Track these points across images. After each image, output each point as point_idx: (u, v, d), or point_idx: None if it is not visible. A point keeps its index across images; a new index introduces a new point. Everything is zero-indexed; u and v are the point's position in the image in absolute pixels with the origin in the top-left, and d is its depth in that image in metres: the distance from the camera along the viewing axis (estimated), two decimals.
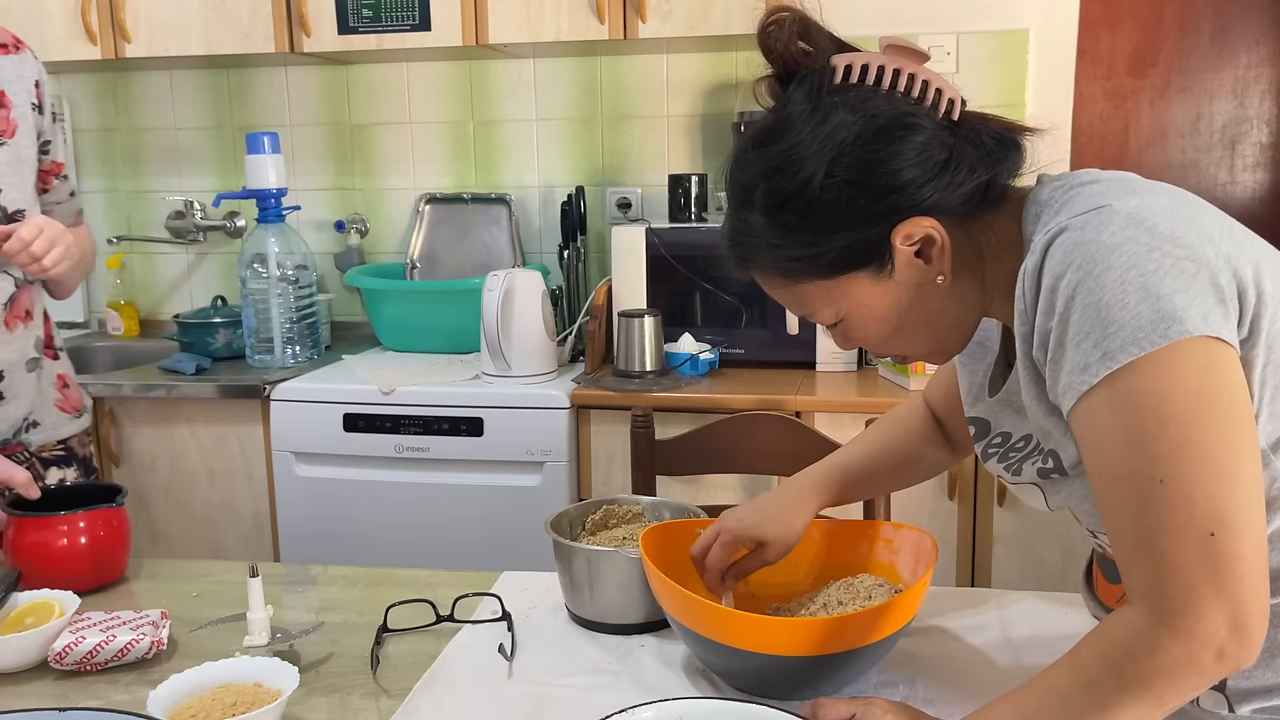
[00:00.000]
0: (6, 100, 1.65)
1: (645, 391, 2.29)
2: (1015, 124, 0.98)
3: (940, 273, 0.95)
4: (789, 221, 0.94)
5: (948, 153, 0.92)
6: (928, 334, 1.01)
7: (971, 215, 0.95)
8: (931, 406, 1.29)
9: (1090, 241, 0.85)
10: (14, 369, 1.68)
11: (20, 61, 1.70)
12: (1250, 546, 0.81)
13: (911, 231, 0.92)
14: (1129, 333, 0.82)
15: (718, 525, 1.25)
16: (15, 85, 1.67)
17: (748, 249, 0.98)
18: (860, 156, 0.91)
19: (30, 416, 1.72)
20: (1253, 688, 0.95)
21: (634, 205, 2.82)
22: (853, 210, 0.92)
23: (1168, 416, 0.81)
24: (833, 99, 0.93)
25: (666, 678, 1.16)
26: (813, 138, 0.92)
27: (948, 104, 0.94)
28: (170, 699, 1.04)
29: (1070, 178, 0.96)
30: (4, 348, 1.66)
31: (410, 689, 1.14)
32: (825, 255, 0.94)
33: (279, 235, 2.64)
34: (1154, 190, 0.91)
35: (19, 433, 1.71)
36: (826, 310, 0.99)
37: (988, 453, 1.08)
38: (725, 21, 2.40)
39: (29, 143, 1.68)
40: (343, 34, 2.57)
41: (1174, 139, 2.73)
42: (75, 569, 1.39)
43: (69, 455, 1.81)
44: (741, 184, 0.97)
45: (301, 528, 2.43)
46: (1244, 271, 0.85)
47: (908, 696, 1.11)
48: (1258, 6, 2.64)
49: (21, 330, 1.69)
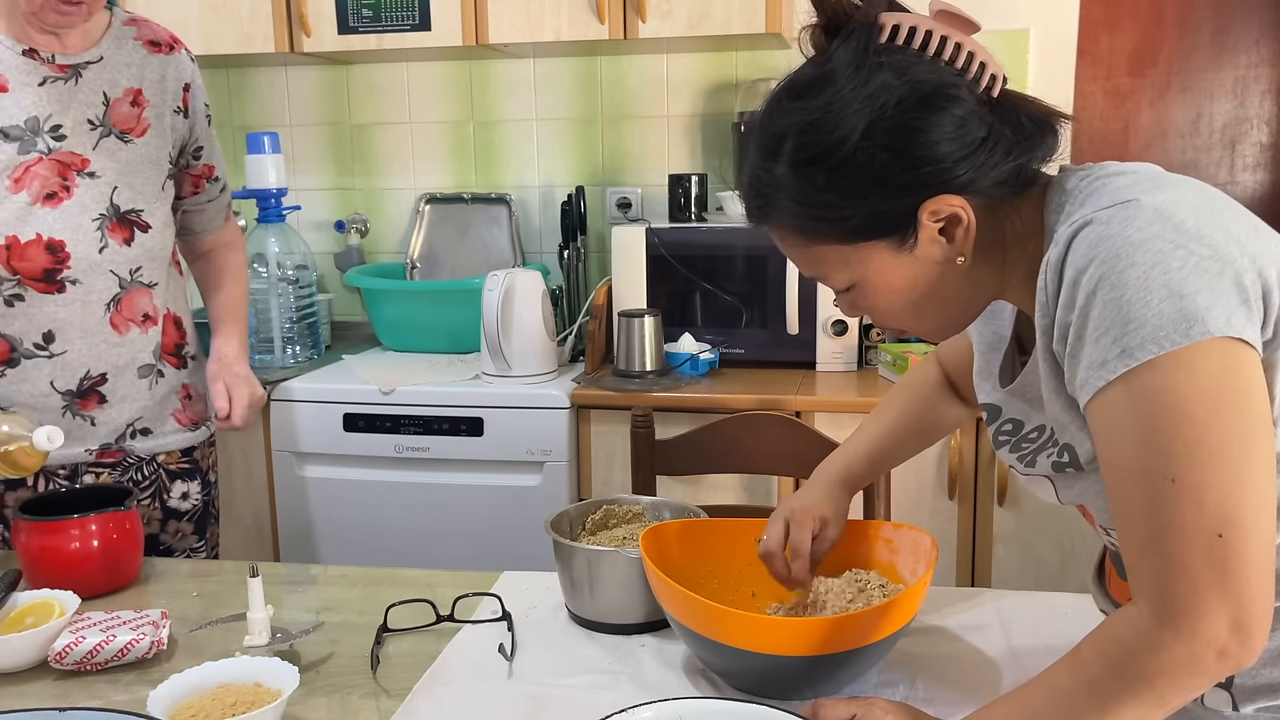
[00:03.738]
0: (142, 100, 1.63)
1: (645, 391, 2.29)
2: (1053, 109, 0.95)
3: (961, 254, 0.93)
4: (817, 180, 0.91)
5: (986, 130, 0.90)
6: (938, 312, 0.99)
7: (1000, 199, 0.93)
8: (944, 365, 1.30)
9: (1115, 236, 0.84)
10: (121, 373, 1.64)
11: (172, 63, 1.68)
12: (1258, 549, 0.81)
13: (939, 208, 0.91)
14: (1149, 331, 0.81)
15: (783, 515, 1.26)
16: (158, 86, 1.65)
17: (768, 200, 0.96)
18: (900, 122, 0.89)
19: (138, 424, 1.68)
20: (1258, 686, 0.96)
21: (634, 205, 2.82)
22: (884, 177, 0.90)
23: (1184, 416, 0.81)
24: (878, 59, 0.90)
25: (666, 678, 1.16)
26: (854, 96, 0.89)
27: (989, 79, 0.92)
28: (170, 699, 1.04)
29: (1096, 169, 0.95)
30: (112, 351, 1.62)
31: (410, 689, 1.14)
32: (849, 220, 0.92)
33: (279, 235, 2.64)
34: (1181, 185, 0.89)
35: (122, 439, 1.67)
36: (840, 275, 0.97)
37: (999, 439, 1.08)
38: (725, 21, 2.40)
39: (162, 144, 1.65)
40: (343, 34, 2.57)
41: (1174, 139, 2.73)
42: (87, 573, 1.38)
43: (194, 468, 1.77)
44: (771, 133, 0.94)
45: (301, 528, 2.43)
46: (1269, 272, 0.84)
47: (908, 696, 1.11)
48: (1258, 6, 2.64)
49: (136, 334, 1.65)
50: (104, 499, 1.45)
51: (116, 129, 1.60)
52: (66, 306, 1.57)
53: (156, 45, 1.67)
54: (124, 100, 1.61)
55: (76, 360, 1.60)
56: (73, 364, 1.60)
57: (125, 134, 1.61)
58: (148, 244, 1.64)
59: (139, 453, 1.69)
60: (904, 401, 1.32)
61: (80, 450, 1.63)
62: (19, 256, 1.53)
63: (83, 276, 1.57)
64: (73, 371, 1.60)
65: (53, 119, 1.55)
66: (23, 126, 1.53)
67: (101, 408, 1.64)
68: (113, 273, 1.60)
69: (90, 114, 1.58)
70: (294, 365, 2.61)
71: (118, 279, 1.61)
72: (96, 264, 1.58)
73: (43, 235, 1.54)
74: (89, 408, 1.63)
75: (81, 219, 1.56)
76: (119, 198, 1.60)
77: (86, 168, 1.57)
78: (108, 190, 1.59)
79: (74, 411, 1.62)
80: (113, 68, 1.61)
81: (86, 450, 1.64)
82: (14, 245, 1.53)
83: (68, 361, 1.59)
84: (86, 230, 1.57)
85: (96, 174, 1.58)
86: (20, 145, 1.53)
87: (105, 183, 1.59)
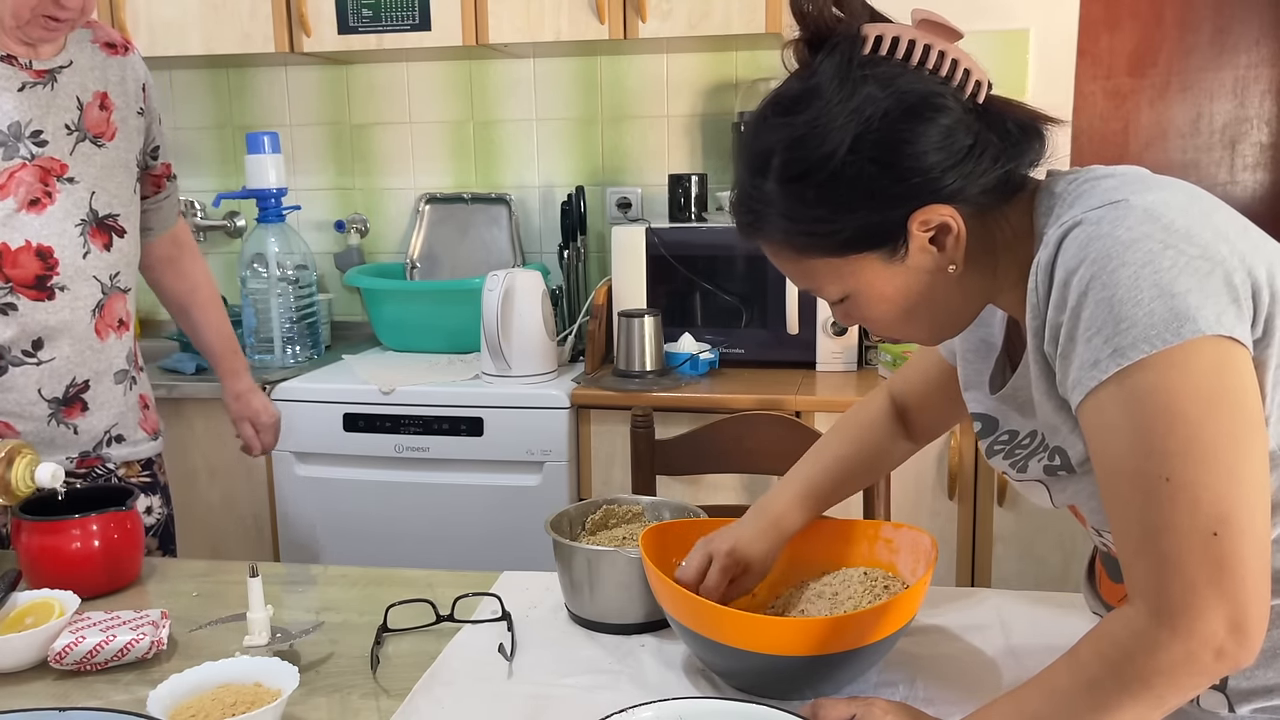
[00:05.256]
0: (109, 103, 1.62)
1: (645, 391, 2.29)
2: (1039, 112, 0.95)
3: (952, 262, 0.94)
4: (806, 195, 0.92)
5: (973, 138, 0.90)
6: (931, 320, 1.00)
7: (989, 206, 0.93)
8: (898, 399, 1.28)
9: (1105, 236, 0.84)
10: (101, 379, 1.64)
11: (129, 64, 1.67)
12: (1253, 547, 0.81)
13: (929, 218, 0.91)
14: (1141, 330, 0.81)
15: (706, 549, 1.21)
16: (120, 88, 1.64)
17: (758, 217, 0.96)
18: (886, 135, 0.89)
19: (114, 430, 1.68)
20: (1253, 687, 0.96)
21: (634, 205, 2.82)
22: (873, 190, 0.90)
23: (1176, 415, 0.81)
24: (862, 71, 0.90)
25: (666, 678, 1.16)
26: (840, 110, 0.89)
27: (974, 86, 0.92)
28: (170, 699, 1.04)
29: (1084, 172, 0.95)
30: (95, 357, 1.62)
31: (410, 689, 1.14)
32: (839, 233, 0.92)
33: (279, 235, 2.64)
34: (1170, 186, 0.90)
35: (99, 446, 1.66)
36: (833, 287, 0.98)
37: (993, 449, 1.08)
38: (725, 21, 2.40)
39: (130, 147, 1.65)
40: (343, 34, 2.57)
41: (1174, 139, 2.73)
42: (88, 573, 1.38)
43: (154, 482, 1.77)
44: (758, 150, 0.94)
45: (301, 528, 2.43)
46: (1258, 271, 0.84)
47: (908, 696, 1.11)
48: (1258, 6, 2.64)
49: (114, 340, 1.65)
50: (105, 499, 1.44)
51: (90, 133, 1.59)
52: (57, 313, 1.57)
53: (113, 47, 1.66)
54: (94, 104, 1.60)
55: (64, 367, 1.59)
56: (60, 371, 1.59)
57: (98, 138, 1.60)
58: (124, 249, 1.65)
59: (114, 460, 1.69)
60: (854, 433, 1.29)
61: (62, 458, 1.61)
62: (11, 263, 1.53)
63: (70, 283, 1.57)
64: (60, 379, 1.59)
65: (33, 124, 1.54)
66: (5, 132, 1.52)
67: (84, 415, 1.63)
68: (96, 278, 1.60)
69: (67, 119, 1.57)
70: (294, 365, 2.61)
71: (100, 285, 1.61)
72: (81, 270, 1.58)
73: (31, 242, 1.53)
74: (72, 415, 1.62)
75: (65, 225, 1.56)
76: (97, 203, 1.60)
77: (66, 173, 1.56)
78: (86, 196, 1.58)
79: (59, 420, 1.61)
80: (81, 72, 1.60)
81: (68, 458, 1.62)
82: (5, 252, 1.52)
83: (55, 369, 1.59)
84: (71, 236, 1.56)
85: (75, 179, 1.57)
86: (4, 151, 1.52)
87: (84, 188, 1.58)
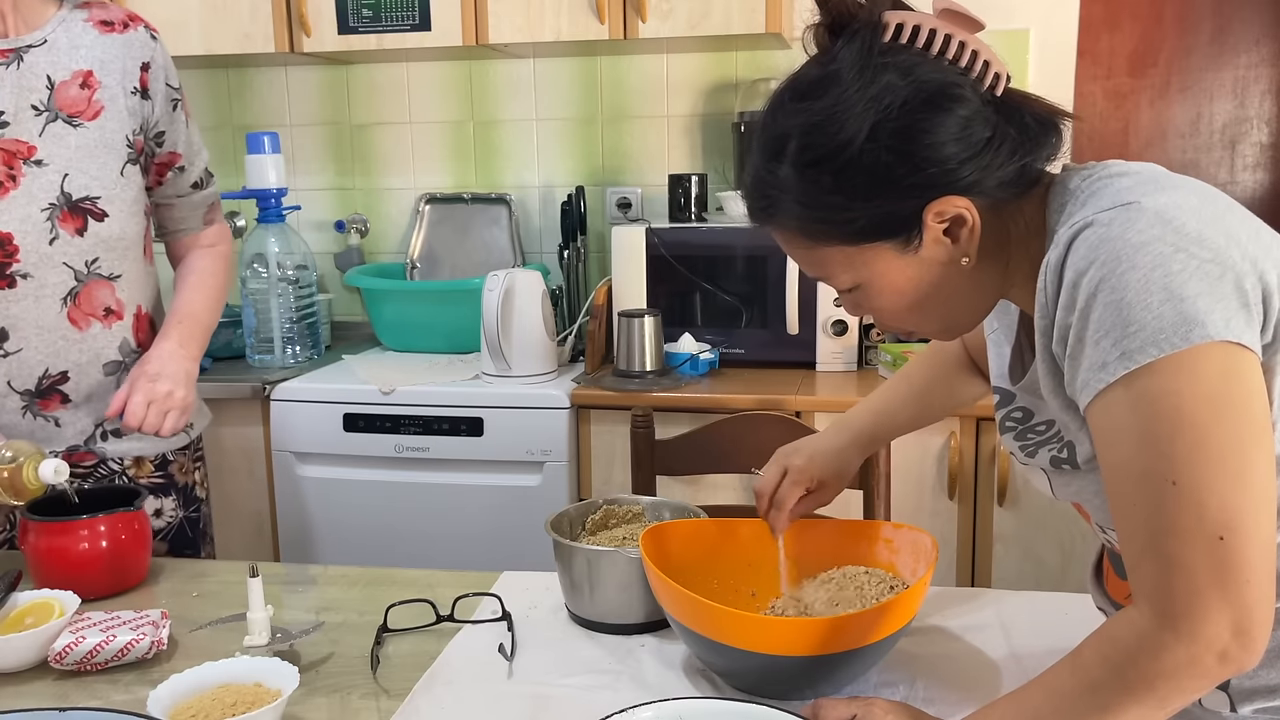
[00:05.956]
0: (93, 81, 1.55)
1: (645, 391, 2.29)
2: (1056, 107, 0.95)
3: (966, 254, 0.93)
4: (821, 181, 0.91)
5: (990, 130, 0.90)
6: (942, 313, 1.00)
7: (1004, 199, 0.93)
8: (966, 343, 1.31)
9: (1116, 239, 0.84)
10: (83, 371, 1.58)
11: (127, 41, 1.60)
12: (1258, 551, 0.81)
13: (944, 209, 0.90)
14: (1149, 333, 0.81)
15: (782, 463, 1.28)
16: (111, 66, 1.57)
17: (772, 202, 0.95)
18: (904, 124, 0.88)
19: (107, 424, 1.62)
20: (1256, 687, 0.96)
21: (634, 205, 2.82)
22: (889, 179, 0.89)
23: (1184, 419, 0.81)
24: (882, 59, 0.89)
25: (666, 678, 1.16)
26: (859, 97, 0.89)
27: (993, 78, 0.91)
28: (170, 699, 1.04)
29: (1099, 168, 0.94)
30: (71, 348, 1.56)
31: (410, 689, 1.14)
32: (854, 222, 0.92)
33: (279, 235, 2.64)
34: (1183, 187, 0.89)
35: (91, 440, 1.61)
36: (844, 275, 0.97)
37: (1005, 425, 1.08)
38: (725, 21, 2.40)
39: (118, 127, 1.58)
40: (343, 34, 2.57)
41: (1174, 139, 2.73)
42: (96, 574, 1.37)
43: (168, 484, 1.69)
44: (775, 134, 0.94)
45: (301, 528, 2.43)
46: (1270, 275, 0.84)
47: (908, 696, 1.11)
48: (1258, 6, 2.64)
49: (98, 329, 1.59)
50: (112, 499, 1.44)
51: (64, 113, 1.53)
52: (19, 302, 1.51)
53: (109, 25, 1.60)
54: (71, 83, 1.54)
55: (33, 358, 1.54)
56: (29, 362, 1.54)
57: (74, 118, 1.54)
58: (104, 233, 1.56)
59: (111, 455, 1.63)
60: (928, 369, 1.33)
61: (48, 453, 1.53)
62: None
63: (34, 270, 1.51)
64: (30, 370, 1.54)
65: None
66: None
67: (65, 408, 1.58)
68: (67, 265, 1.54)
69: (34, 99, 1.52)
70: (294, 365, 2.61)
71: (73, 271, 1.55)
72: (47, 256, 1.52)
73: None
74: (50, 408, 1.57)
75: (29, 209, 1.50)
76: (70, 185, 1.53)
77: (33, 155, 1.51)
78: (57, 178, 1.52)
79: (34, 412, 1.56)
80: (57, 50, 1.55)
81: (53, 452, 1.54)
82: None
83: (24, 360, 1.54)
84: (35, 221, 1.51)
85: (44, 162, 1.51)
86: None
87: (54, 170, 1.52)
